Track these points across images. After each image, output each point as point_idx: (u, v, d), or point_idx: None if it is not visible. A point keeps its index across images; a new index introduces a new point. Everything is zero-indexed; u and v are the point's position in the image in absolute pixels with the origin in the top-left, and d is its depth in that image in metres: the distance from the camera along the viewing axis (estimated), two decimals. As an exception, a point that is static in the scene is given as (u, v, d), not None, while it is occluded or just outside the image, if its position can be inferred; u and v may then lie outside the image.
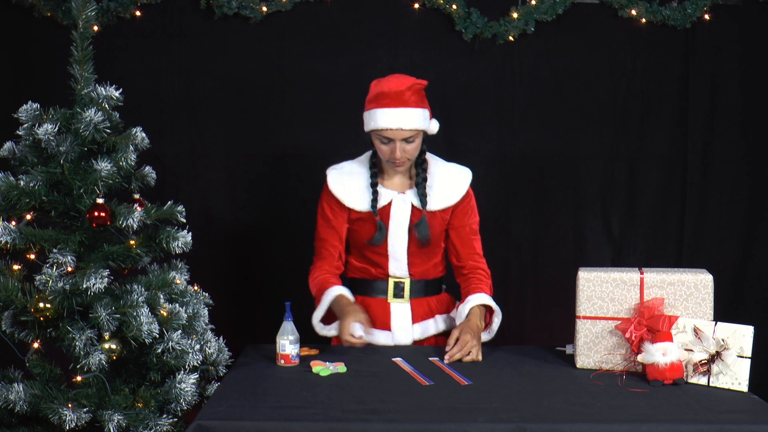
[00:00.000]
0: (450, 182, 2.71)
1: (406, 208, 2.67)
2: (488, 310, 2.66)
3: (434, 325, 2.74)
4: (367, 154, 2.73)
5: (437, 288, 2.78)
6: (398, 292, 2.72)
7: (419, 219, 2.65)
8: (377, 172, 2.67)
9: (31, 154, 2.42)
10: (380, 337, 2.67)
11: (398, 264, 2.70)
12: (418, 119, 2.54)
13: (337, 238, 2.69)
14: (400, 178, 2.70)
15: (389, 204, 2.66)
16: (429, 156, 2.71)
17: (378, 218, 2.65)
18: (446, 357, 2.44)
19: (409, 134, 2.54)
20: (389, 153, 2.57)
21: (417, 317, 2.72)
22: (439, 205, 2.68)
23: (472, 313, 2.60)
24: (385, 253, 2.69)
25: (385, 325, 2.70)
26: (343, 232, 2.69)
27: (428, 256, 2.73)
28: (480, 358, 2.46)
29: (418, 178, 2.67)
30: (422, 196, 2.66)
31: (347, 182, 2.67)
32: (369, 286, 2.73)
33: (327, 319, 2.65)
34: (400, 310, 2.70)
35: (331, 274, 2.68)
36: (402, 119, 2.51)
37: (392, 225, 2.66)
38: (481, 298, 2.63)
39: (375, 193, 2.65)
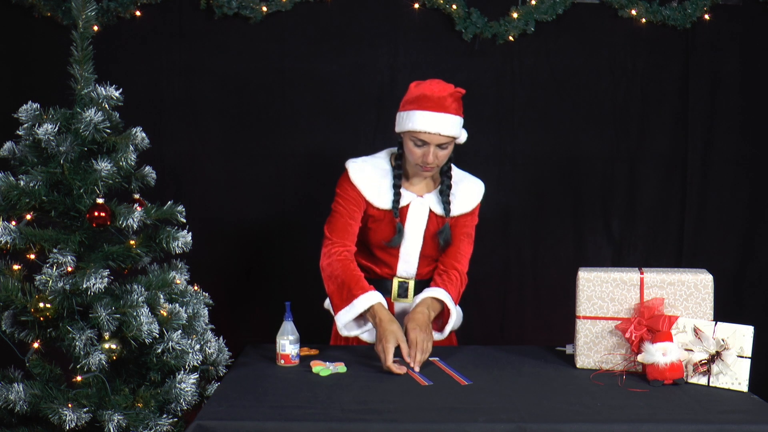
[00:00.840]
0: (467, 192, 2.71)
1: (423, 212, 2.67)
2: (447, 309, 2.62)
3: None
4: (387, 153, 2.72)
5: None
6: (402, 292, 2.72)
7: (442, 226, 2.66)
8: (401, 173, 2.66)
9: (31, 154, 2.41)
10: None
11: (407, 266, 2.70)
12: (455, 126, 2.54)
13: (354, 218, 2.62)
14: (422, 181, 2.69)
15: (407, 206, 2.66)
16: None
17: (398, 220, 2.64)
18: (413, 366, 2.36)
19: (445, 140, 2.53)
20: (421, 156, 2.55)
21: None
22: (455, 212, 2.68)
23: (420, 304, 2.56)
24: (396, 254, 2.69)
25: None
26: (359, 221, 2.63)
27: (435, 258, 2.73)
28: (430, 348, 2.42)
29: (443, 186, 2.67)
30: (446, 204, 2.66)
31: (370, 177, 2.64)
32: (372, 285, 2.72)
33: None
34: (404, 310, 2.69)
35: (352, 259, 2.58)
36: (442, 124, 2.50)
37: (408, 227, 2.66)
38: (434, 292, 2.59)
39: (397, 195, 2.64)
